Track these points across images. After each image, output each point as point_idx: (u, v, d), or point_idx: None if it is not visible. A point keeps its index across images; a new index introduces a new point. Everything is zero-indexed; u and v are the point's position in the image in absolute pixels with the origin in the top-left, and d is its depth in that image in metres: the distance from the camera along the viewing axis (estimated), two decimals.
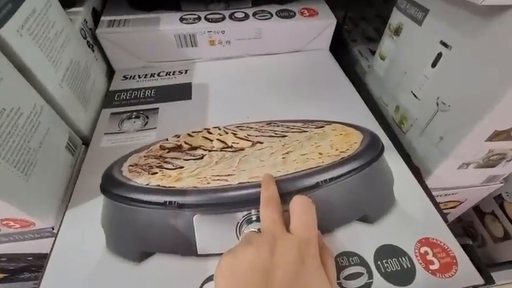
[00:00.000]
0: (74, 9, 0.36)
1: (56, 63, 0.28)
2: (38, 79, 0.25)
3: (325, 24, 0.42)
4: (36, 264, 0.32)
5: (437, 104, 0.31)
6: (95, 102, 0.35)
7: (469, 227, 0.50)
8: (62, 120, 0.28)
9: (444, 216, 0.27)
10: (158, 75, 0.40)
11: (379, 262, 0.22)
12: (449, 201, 0.41)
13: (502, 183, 0.37)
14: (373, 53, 0.51)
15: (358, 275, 0.21)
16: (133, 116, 0.34)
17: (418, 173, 0.33)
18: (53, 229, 0.25)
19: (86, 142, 0.32)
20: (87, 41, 0.36)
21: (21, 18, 0.24)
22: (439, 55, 0.30)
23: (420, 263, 0.22)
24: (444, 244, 0.23)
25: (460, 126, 0.28)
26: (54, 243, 0.23)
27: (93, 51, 0.37)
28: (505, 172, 0.35)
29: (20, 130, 0.22)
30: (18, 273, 0.34)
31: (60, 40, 0.29)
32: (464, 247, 0.27)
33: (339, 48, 0.51)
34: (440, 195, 0.38)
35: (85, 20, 0.36)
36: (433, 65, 0.31)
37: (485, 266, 0.24)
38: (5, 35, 0.22)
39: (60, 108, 0.28)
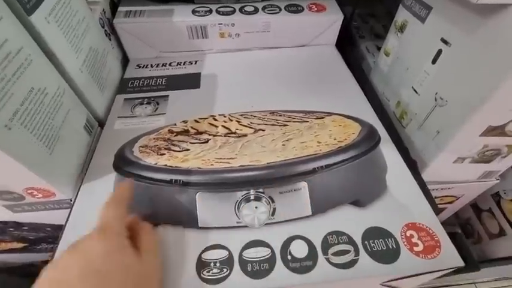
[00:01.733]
0: None
1: (77, 49, 0.30)
2: (61, 63, 0.28)
3: (333, 19, 0.43)
4: (54, 235, 0.35)
5: (436, 99, 0.32)
6: (111, 88, 0.38)
7: (467, 224, 0.50)
8: (81, 103, 0.31)
9: (435, 207, 0.28)
10: (170, 65, 0.42)
11: (366, 242, 0.24)
12: (446, 196, 0.42)
13: (498, 179, 0.38)
14: (380, 49, 0.52)
15: (345, 252, 0.23)
16: (145, 102, 0.36)
17: (414, 166, 0.35)
18: (71, 200, 0.28)
19: (101, 124, 0.35)
20: (105, 30, 0.38)
21: (49, 6, 0.26)
22: (439, 52, 0.31)
23: (405, 245, 0.24)
24: (430, 229, 0.24)
25: (456, 120, 0.29)
26: (69, 213, 0.26)
27: (110, 40, 0.40)
28: (500, 168, 0.35)
29: (46, 108, 0.25)
30: (37, 244, 0.37)
31: (81, 28, 0.31)
32: (453, 235, 0.28)
33: (347, 44, 0.52)
34: (437, 189, 0.39)
35: (103, 10, 0.38)
36: (434, 61, 0.32)
37: (471, 253, 0.25)
38: (35, 21, 0.24)
39: (80, 91, 0.31)
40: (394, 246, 0.23)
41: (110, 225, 0.20)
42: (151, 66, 0.42)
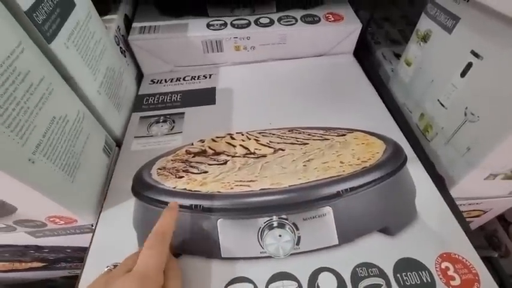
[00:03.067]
0: (108, 16, 0.38)
1: (95, 71, 0.30)
2: (80, 87, 0.27)
3: (350, 29, 0.41)
4: (73, 255, 0.35)
5: (465, 114, 0.30)
6: (127, 105, 0.38)
7: (492, 236, 0.48)
8: (100, 125, 0.31)
9: (467, 228, 0.27)
10: (184, 79, 0.42)
11: (398, 275, 0.22)
12: (473, 210, 0.40)
13: None
14: (396, 56, 0.50)
15: (377, 286, 0.22)
16: (161, 120, 0.36)
17: (441, 182, 0.33)
18: (92, 226, 0.28)
19: (119, 143, 0.34)
20: (120, 48, 0.38)
21: (67, 31, 0.26)
22: (469, 65, 0.29)
23: (441, 278, 0.22)
24: (466, 260, 0.23)
25: (490, 137, 0.28)
26: (91, 242, 0.26)
27: (125, 56, 0.39)
28: None
29: (67, 136, 0.24)
30: (56, 263, 0.37)
31: (98, 49, 0.31)
32: (488, 259, 0.26)
33: (362, 51, 0.50)
34: (464, 205, 0.37)
35: (118, 27, 0.38)
36: (462, 74, 0.30)
37: (509, 279, 0.24)
38: (55, 48, 0.24)
39: (98, 113, 0.30)
40: (429, 280, 0.22)
41: (150, 274, 0.19)
42: (165, 81, 0.42)
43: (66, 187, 0.24)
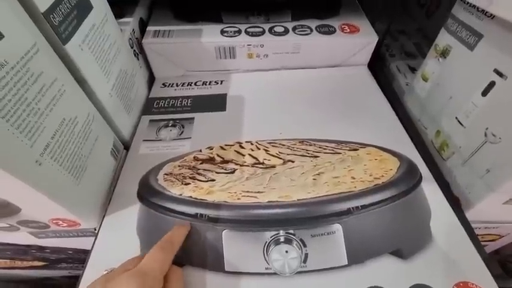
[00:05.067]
0: (123, 19, 0.38)
1: (108, 73, 0.30)
2: (92, 89, 0.27)
3: (366, 41, 0.41)
4: (75, 257, 0.35)
5: (486, 135, 0.29)
6: (137, 108, 0.37)
7: (507, 261, 0.46)
8: (109, 127, 0.31)
9: (484, 255, 0.25)
10: (195, 84, 0.41)
11: None
12: (488, 234, 0.38)
13: None
14: (411, 69, 0.49)
15: None
16: (170, 125, 0.35)
17: (457, 204, 0.32)
18: (95, 230, 0.27)
19: (127, 147, 0.34)
20: (134, 50, 0.38)
21: (83, 33, 0.26)
22: (492, 84, 0.28)
23: None
24: None
25: (511, 160, 0.26)
26: (93, 246, 0.25)
27: (138, 59, 0.39)
28: None
29: (76, 138, 0.24)
30: (57, 263, 0.37)
31: (112, 51, 0.31)
32: None
33: (376, 63, 0.50)
34: (480, 228, 0.36)
35: (133, 30, 0.38)
36: (484, 93, 0.29)
37: None
38: (69, 49, 0.24)
39: (108, 116, 0.30)
40: None
41: (152, 270, 0.19)
42: (177, 85, 0.42)
43: (71, 190, 0.24)
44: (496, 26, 0.28)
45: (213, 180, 0.29)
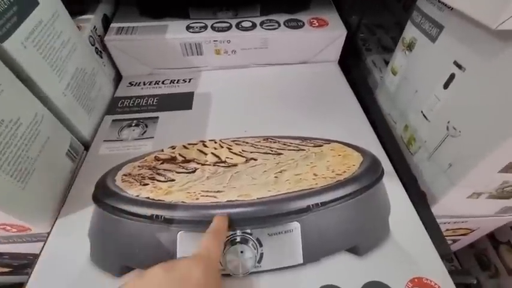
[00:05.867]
0: (84, 16, 0.37)
1: (61, 72, 0.29)
2: (40, 89, 0.26)
3: (335, 35, 0.40)
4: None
5: (448, 128, 0.29)
6: (100, 108, 0.36)
7: (482, 255, 0.46)
8: (64, 128, 0.29)
9: (445, 250, 0.25)
10: (162, 83, 0.40)
11: None
12: (459, 229, 0.38)
13: None
14: (387, 63, 0.49)
15: None
16: (133, 124, 0.34)
17: (423, 199, 0.31)
18: (49, 234, 0.26)
19: (88, 147, 0.33)
20: (96, 48, 0.37)
21: (26, 30, 0.25)
22: (452, 76, 0.28)
23: None
24: (439, 286, 0.21)
25: (471, 154, 0.26)
26: (42, 250, 0.24)
27: (101, 57, 0.38)
28: None
29: (19, 140, 0.23)
30: (22, 269, 0.36)
31: (66, 49, 0.30)
32: (466, 286, 0.25)
33: (352, 58, 0.49)
34: (449, 223, 0.36)
35: (94, 27, 0.37)
36: (445, 86, 0.29)
37: None
38: (8, 48, 0.23)
39: (63, 116, 0.29)
40: None
41: (212, 253, 0.20)
42: (144, 84, 0.41)
43: (14, 194, 0.23)
44: (456, 17, 0.27)
45: (173, 180, 0.28)
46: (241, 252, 0.23)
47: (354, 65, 0.48)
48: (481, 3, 0.20)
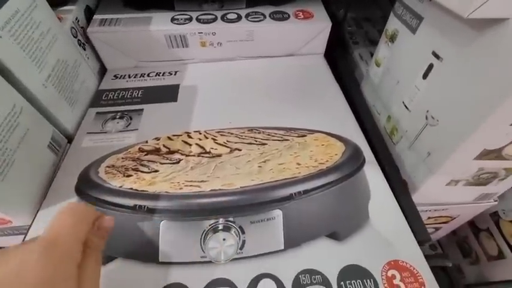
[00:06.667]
0: (66, 7, 0.36)
1: (40, 63, 0.28)
2: (19, 80, 0.26)
3: (320, 27, 0.40)
4: None
5: (427, 118, 0.29)
6: (84, 101, 0.36)
7: (464, 242, 0.48)
8: (45, 120, 0.29)
9: (424, 236, 0.26)
10: (148, 75, 0.40)
11: (342, 283, 0.21)
12: (440, 216, 0.39)
13: (496, 201, 0.35)
14: None
15: None
16: (117, 117, 0.34)
17: (404, 187, 0.32)
18: (30, 227, 0.26)
19: (71, 140, 0.33)
20: (78, 40, 0.36)
21: (2, 20, 0.24)
22: (431, 66, 0.28)
23: (386, 287, 0.21)
24: (414, 268, 0.22)
25: (448, 142, 0.27)
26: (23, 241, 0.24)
27: (84, 49, 0.38)
28: (498, 190, 0.33)
29: None
30: None
31: (45, 40, 0.29)
32: (443, 269, 0.26)
33: (339, 51, 0.49)
34: (429, 211, 0.37)
35: (76, 18, 0.37)
36: (424, 76, 0.29)
37: None
38: None
39: (44, 108, 0.29)
40: None
41: (59, 242, 0.14)
42: (129, 76, 0.40)
43: None
44: (434, 8, 0.28)
45: (157, 171, 0.28)
46: (224, 239, 0.23)
47: (341, 58, 0.48)
48: None
